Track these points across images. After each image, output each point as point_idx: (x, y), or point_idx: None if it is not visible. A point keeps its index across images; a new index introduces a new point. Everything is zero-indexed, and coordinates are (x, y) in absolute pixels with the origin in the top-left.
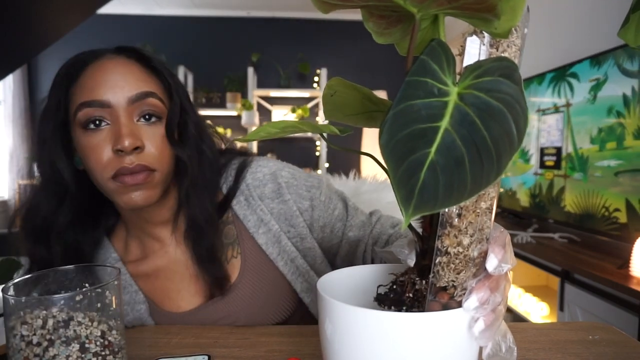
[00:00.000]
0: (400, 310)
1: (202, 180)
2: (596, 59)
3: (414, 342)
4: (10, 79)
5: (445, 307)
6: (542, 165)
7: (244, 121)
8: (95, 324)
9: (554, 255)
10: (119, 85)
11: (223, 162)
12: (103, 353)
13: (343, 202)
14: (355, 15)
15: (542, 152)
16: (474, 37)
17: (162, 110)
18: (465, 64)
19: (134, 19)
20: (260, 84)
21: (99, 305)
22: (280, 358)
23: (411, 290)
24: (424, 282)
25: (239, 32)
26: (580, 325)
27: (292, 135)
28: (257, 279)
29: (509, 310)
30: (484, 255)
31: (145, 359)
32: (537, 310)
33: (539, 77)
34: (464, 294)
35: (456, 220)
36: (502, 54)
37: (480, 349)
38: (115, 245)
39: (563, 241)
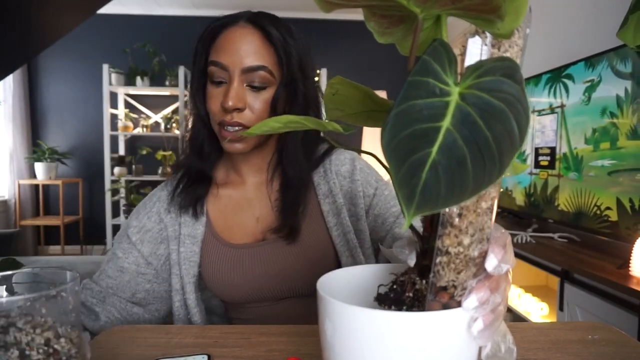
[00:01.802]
0: (400, 310)
1: (301, 142)
2: (590, 61)
3: (414, 342)
4: (10, 79)
5: (446, 306)
6: (537, 165)
7: None
8: (38, 330)
9: (554, 255)
10: (239, 55)
11: (319, 140)
12: None
13: None
14: (355, 15)
15: (537, 152)
16: (476, 37)
17: (269, 81)
18: (466, 63)
19: (134, 19)
20: None
21: (46, 310)
22: (280, 358)
23: (411, 290)
24: (424, 281)
25: None
26: (579, 325)
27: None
28: (306, 237)
29: (509, 310)
30: (484, 255)
31: (145, 359)
32: (537, 310)
33: (535, 79)
34: (464, 293)
35: (457, 220)
36: (504, 54)
37: (480, 349)
38: (216, 167)
39: (562, 241)
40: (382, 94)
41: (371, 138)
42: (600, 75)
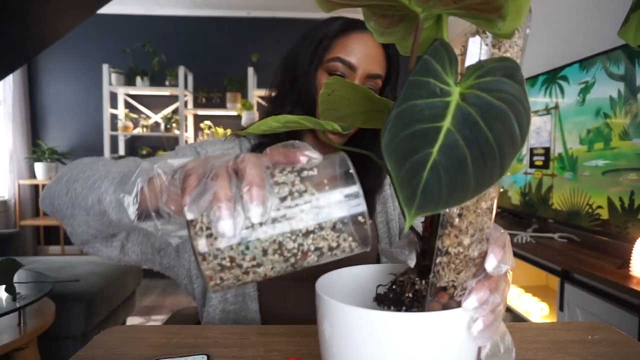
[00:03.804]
0: (399, 310)
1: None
2: (585, 63)
3: (413, 342)
4: (10, 79)
5: (445, 307)
6: (532, 164)
7: (244, 121)
8: (328, 228)
9: (554, 255)
10: (367, 60)
11: None
12: (297, 251)
13: None
14: (355, 15)
15: (532, 152)
16: (477, 37)
17: (379, 88)
18: (467, 63)
19: (134, 19)
20: (260, 84)
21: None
22: (280, 358)
23: (411, 290)
24: (423, 282)
25: (239, 32)
26: (580, 325)
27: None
28: None
29: (509, 310)
30: (484, 256)
31: (145, 359)
32: (537, 310)
33: (532, 80)
34: (464, 294)
35: (457, 220)
36: (505, 54)
37: (479, 350)
38: None
39: (562, 241)
40: None
41: None
42: (594, 77)
